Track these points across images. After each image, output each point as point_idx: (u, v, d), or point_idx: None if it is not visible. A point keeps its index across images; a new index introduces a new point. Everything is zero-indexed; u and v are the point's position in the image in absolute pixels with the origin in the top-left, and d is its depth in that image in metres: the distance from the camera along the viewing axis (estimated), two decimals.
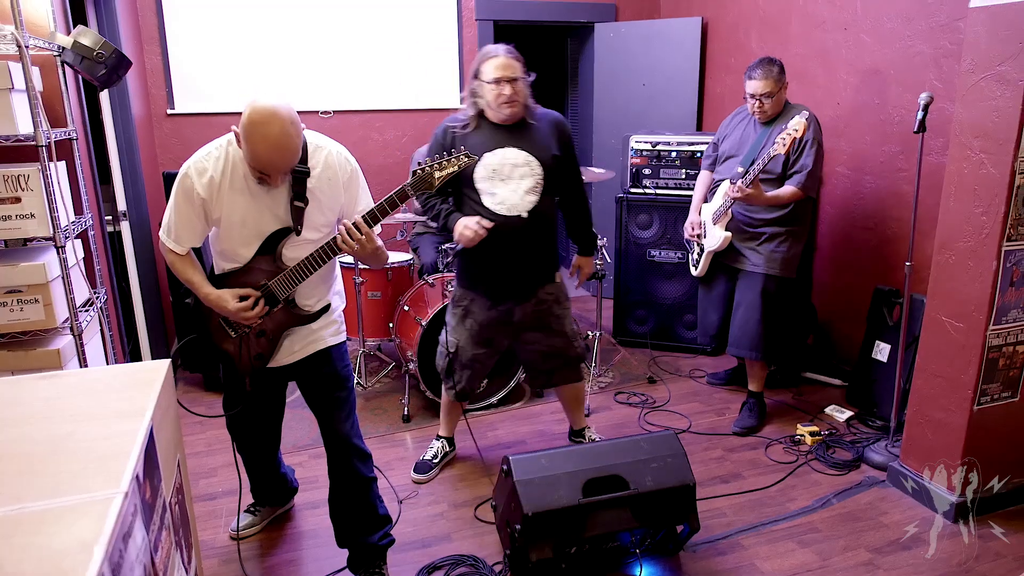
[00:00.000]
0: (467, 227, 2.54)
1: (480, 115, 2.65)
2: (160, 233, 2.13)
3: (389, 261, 3.89)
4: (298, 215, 2.06)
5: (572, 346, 2.89)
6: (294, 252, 2.09)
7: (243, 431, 2.46)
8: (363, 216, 2.04)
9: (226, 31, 4.49)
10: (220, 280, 2.14)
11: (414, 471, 3.05)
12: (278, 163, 1.90)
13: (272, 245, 2.08)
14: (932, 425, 2.76)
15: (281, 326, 2.17)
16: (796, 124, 2.90)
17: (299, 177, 2.03)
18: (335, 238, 2.05)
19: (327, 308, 2.23)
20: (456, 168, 2.08)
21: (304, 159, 2.03)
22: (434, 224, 2.71)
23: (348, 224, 2.02)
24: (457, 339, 2.86)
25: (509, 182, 2.61)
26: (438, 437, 3.19)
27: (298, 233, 2.08)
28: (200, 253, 2.22)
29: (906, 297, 3.03)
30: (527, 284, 2.75)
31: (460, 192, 2.68)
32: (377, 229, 2.13)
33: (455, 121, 2.70)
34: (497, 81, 2.55)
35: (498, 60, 2.56)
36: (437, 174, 2.06)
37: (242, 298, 2.08)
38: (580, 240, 2.97)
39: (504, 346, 2.91)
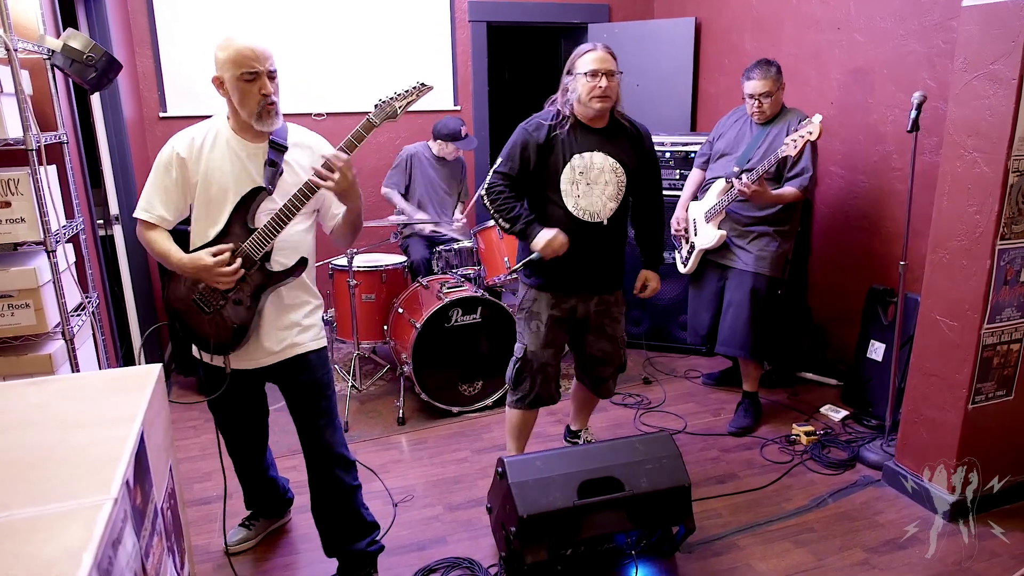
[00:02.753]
0: (555, 241, 2.49)
1: (572, 113, 2.57)
2: (135, 213, 2.12)
3: (384, 263, 3.90)
4: (272, 177, 2.09)
5: (619, 354, 2.84)
6: (267, 218, 2.08)
7: (230, 431, 2.43)
8: (340, 146, 2.05)
9: (218, 33, 4.45)
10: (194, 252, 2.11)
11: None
12: (258, 49, 1.98)
13: (245, 208, 2.07)
14: (927, 424, 2.76)
15: (257, 289, 2.11)
16: (812, 128, 2.90)
17: (277, 148, 2.10)
18: (309, 180, 2.01)
19: (303, 262, 2.17)
20: (415, 97, 2.14)
21: (284, 137, 2.13)
22: (506, 226, 2.57)
23: (327, 156, 2.00)
24: (526, 344, 2.74)
25: (594, 187, 2.57)
26: None
27: (270, 192, 2.08)
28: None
29: (900, 296, 3.03)
30: (593, 283, 2.70)
31: (542, 194, 2.61)
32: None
33: (545, 118, 2.60)
34: (594, 73, 2.50)
35: (596, 53, 2.52)
36: (398, 104, 2.11)
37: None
38: (648, 251, 2.85)
39: (564, 344, 2.83)
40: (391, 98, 2.11)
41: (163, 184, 2.09)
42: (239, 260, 2.05)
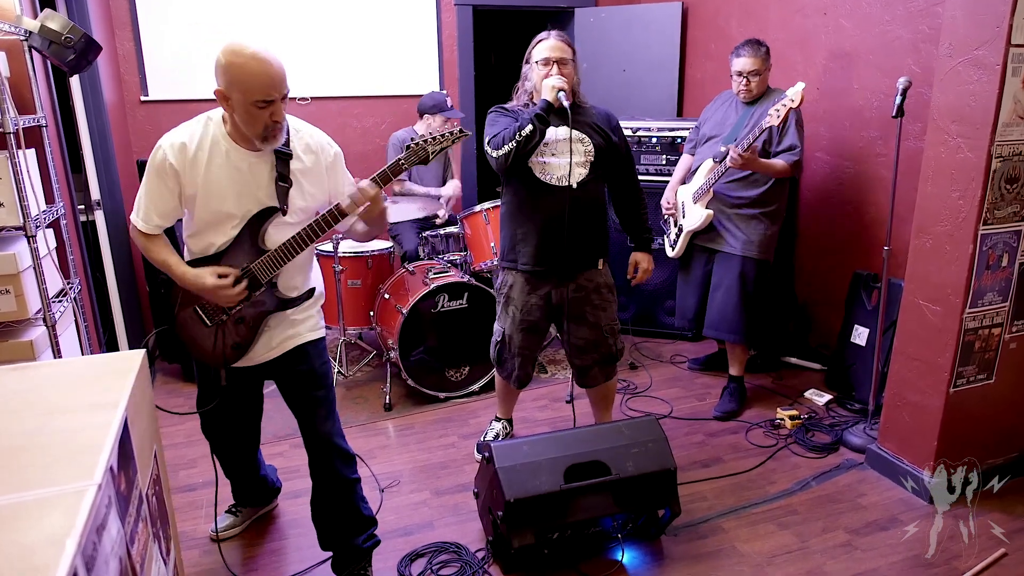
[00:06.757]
0: (552, 85, 2.51)
1: (531, 100, 2.65)
2: (131, 215, 2.04)
3: (368, 250, 3.88)
4: (283, 195, 2.00)
5: (605, 342, 2.79)
6: (277, 236, 2.03)
7: (220, 433, 2.39)
8: (372, 178, 2.00)
9: (200, 16, 4.40)
10: (197, 265, 2.04)
11: (478, 451, 3.09)
12: (276, 75, 1.84)
13: (255, 228, 2.00)
14: (909, 408, 2.79)
15: (262, 312, 2.08)
16: (793, 94, 2.89)
17: (283, 158, 2.00)
18: (336, 206, 1.98)
19: (312, 292, 2.16)
20: (450, 142, 2.04)
21: (287, 142, 2.00)
22: (526, 131, 2.48)
23: (361, 185, 1.98)
24: (503, 327, 2.83)
25: (560, 156, 2.59)
26: (497, 419, 3.18)
27: (284, 213, 2.01)
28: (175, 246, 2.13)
29: (884, 281, 3.06)
30: (568, 264, 2.68)
31: (512, 173, 2.65)
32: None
33: (507, 106, 2.70)
34: (546, 62, 2.57)
35: (548, 42, 2.59)
36: (431, 148, 2.02)
37: (221, 277, 1.99)
38: (635, 233, 2.87)
39: (548, 327, 2.86)
40: (424, 142, 2.02)
41: (158, 193, 1.98)
42: (244, 282, 2.01)
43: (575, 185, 2.59)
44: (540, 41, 2.62)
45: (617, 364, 2.91)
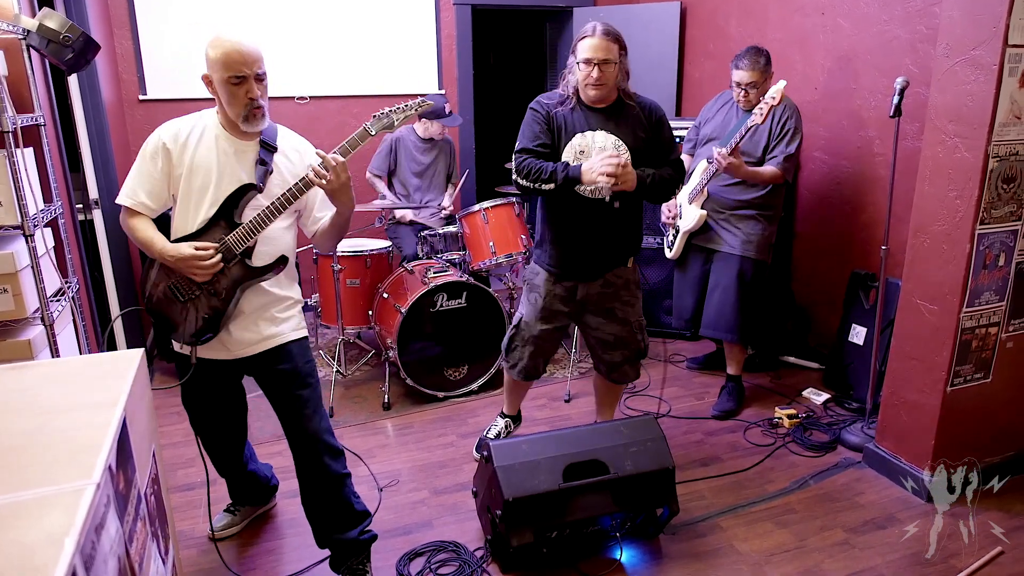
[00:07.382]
0: (601, 169, 2.37)
1: (575, 93, 2.59)
2: (118, 199, 2.10)
3: (367, 249, 3.88)
4: (262, 176, 2.09)
5: (634, 337, 2.78)
6: (253, 214, 2.08)
7: (206, 427, 2.40)
8: (336, 149, 2.04)
9: (199, 15, 4.40)
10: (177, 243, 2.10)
11: (476, 450, 3.07)
12: (247, 52, 1.97)
13: (232, 205, 2.07)
14: (907, 407, 2.80)
15: (235, 283, 2.11)
16: (773, 92, 2.88)
17: (266, 148, 2.11)
18: (302, 179, 2.03)
19: (283, 260, 2.17)
20: (414, 112, 2.12)
21: (273, 138, 2.13)
22: (550, 186, 2.47)
23: (324, 155, 1.99)
24: (522, 314, 2.80)
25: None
26: (502, 415, 3.15)
27: (260, 191, 2.08)
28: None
29: (882, 281, 3.06)
30: (598, 266, 2.67)
31: None
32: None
33: (550, 98, 2.63)
34: (588, 62, 2.48)
35: (591, 40, 2.49)
36: (396, 116, 2.09)
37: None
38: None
39: (568, 324, 2.83)
40: (390, 111, 2.10)
41: (148, 172, 2.08)
42: (219, 255, 2.05)
43: (608, 198, 2.55)
44: (584, 37, 2.50)
45: (641, 362, 2.91)
